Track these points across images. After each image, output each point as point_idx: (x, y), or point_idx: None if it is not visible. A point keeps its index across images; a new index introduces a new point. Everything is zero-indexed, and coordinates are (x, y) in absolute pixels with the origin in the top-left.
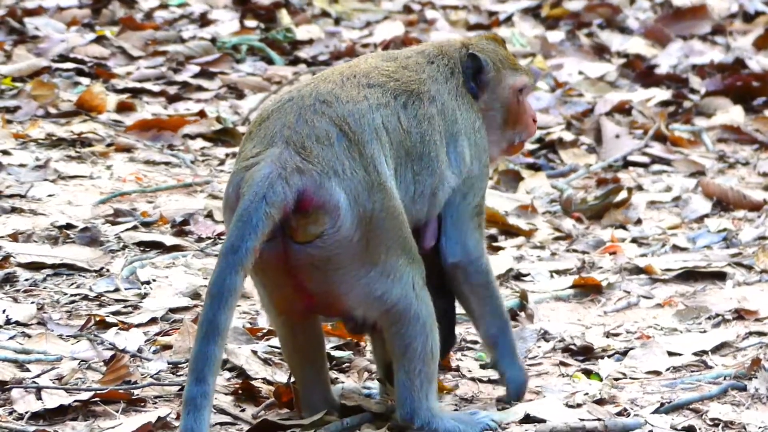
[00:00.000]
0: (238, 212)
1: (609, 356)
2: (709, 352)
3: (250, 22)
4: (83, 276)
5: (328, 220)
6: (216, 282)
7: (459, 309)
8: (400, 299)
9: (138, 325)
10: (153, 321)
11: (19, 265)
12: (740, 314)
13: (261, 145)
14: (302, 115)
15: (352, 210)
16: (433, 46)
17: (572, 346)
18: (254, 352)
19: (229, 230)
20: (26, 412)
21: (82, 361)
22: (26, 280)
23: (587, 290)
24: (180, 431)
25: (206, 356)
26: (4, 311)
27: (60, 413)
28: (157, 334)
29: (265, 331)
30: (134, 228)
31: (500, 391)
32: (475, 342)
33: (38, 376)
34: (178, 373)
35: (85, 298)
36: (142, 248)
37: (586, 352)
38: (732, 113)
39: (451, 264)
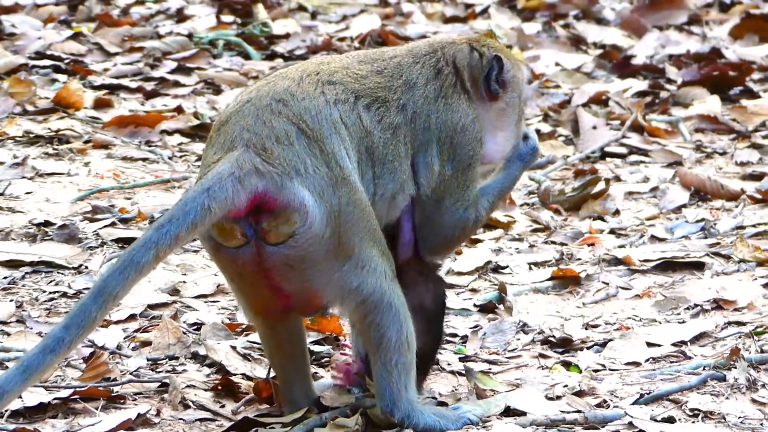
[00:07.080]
0: (180, 199)
1: (588, 348)
2: (688, 343)
3: (227, 17)
4: (62, 273)
5: (298, 218)
6: (129, 251)
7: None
8: (375, 289)
9: (117, 322)
10: (132, 318)
11: None
12: (719, 304)
13: (222, 150)
14: (260, 116)
15: (319, 207)
16: (427, 45)
17: (551, 338)
18: (233, 348)
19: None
20: (6, 411)
21: None
22: (5, 278)
23: (566, 282)
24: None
25: (87, 313)
26: None
27: (40, 411)
28: (136, 331)
29: (244, 326)
30: (112, 225)
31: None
32: (454, 335)
33: None
34: (158, 370)
35: (64, 295)
36: (120, 245)
37: (565, 344)
38: (709, 103)
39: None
